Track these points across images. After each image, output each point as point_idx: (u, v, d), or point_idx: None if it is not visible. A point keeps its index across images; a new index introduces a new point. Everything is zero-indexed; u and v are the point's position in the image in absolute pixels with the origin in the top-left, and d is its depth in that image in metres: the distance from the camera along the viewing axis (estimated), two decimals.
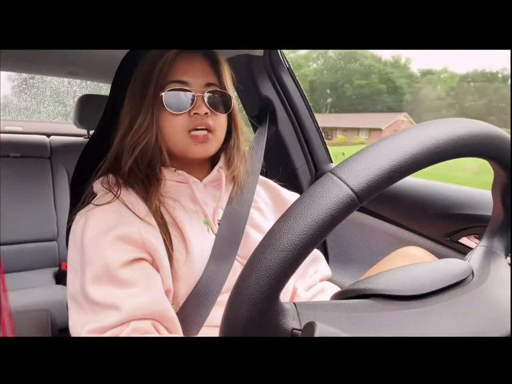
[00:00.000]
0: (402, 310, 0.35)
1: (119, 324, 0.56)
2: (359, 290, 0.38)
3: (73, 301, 0.61)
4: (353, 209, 0.30)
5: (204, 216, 0.72)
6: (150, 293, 0.60)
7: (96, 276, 0.59)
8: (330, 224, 0.29)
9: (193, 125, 0.68)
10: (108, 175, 0.71)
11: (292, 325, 0.31)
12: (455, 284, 0.39)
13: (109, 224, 0.63)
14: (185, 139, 0.68)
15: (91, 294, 0.58)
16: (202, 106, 0.68)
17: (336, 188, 0.30)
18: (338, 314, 0.34)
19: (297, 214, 0.30)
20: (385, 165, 0.31)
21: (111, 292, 0.58)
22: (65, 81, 2.81)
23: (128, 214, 0.64)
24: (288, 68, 1.31)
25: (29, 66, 1.82)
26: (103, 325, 0.56)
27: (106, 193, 0.68)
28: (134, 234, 0.62)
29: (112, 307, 0.57)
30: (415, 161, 0.31)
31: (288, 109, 1.31)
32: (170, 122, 0.68)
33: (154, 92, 0.67)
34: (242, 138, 0.79)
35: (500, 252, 0.46)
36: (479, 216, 0.88)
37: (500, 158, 0.39)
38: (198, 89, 0.69)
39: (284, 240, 0.29)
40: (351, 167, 0.31)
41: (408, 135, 0.33)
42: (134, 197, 0.67)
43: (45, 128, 2.35)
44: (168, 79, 0.68)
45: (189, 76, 0.69)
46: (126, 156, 0.69)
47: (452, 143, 0.33)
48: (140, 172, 0.69)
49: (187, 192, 0.72)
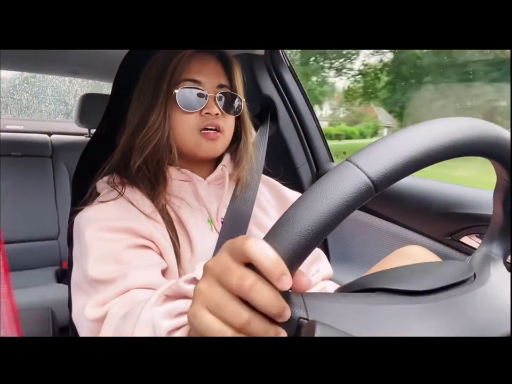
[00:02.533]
0: (408, 304, 0.35)
1: (119, 293, 0.55)
2: (365, 284, 0.39)
3: (77, 288, 0.60)
4: (369, 198, 0.30)
5: (208, 214, 0.72)
6: (154, 270, 0.59)
7: (98, 257, 0.58)
8: (345, 211, 0.29)
9: (204, 124, 0.68)
10: (113, 174, 0.71)
11: (298, 314, 0.31)
12: (458, 283, 0.39)
13: (114, 216, 0.63)
14: (196, 137, 0.69)
15: (93, 273, 0.57)
16: (214, 106, 0.69)
17: (353, 174, 0.30)
18: (345, 306, 0.34)
19: (313, 199, 0.30)
20: (402, 155, 0.31)
21: (113, 269, 0.57)
22: (66, 80, 2.81)
23: (134, 210, 0.65)
24: (290, 66, 1.31)
25: (30, 65, 1.82)
26: (103, 296, 0.55)
27: (111, 191, 0.68)
28: (141, 228, 0.62)
29: (115, 280, 0.56)
30: (431, 154, 0.32)
31: (290, 108, 1.31)
32: (182, 120, 0.68)
33: (167, 89, 0.68)
34: (251, 140, 0.80)
35: (499, 257, 0.46)
36: (480, 216, 0.88)
37: (505, 159, 0.39)
38: (210, 90, 0.69)
39: (298, 225, 0.29)
40: (368, 155, 0.31)
41: (425, 128, 0.33)
42: (139, 195, 0.67)
43: (46, 127, 2.35)
44: (182, 77, 0.69)
45: (202, 75, 0.70)
46: (136, 154, 0.68)
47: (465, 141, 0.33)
48: (148, 170, 0.69)
49: (191, 190, 0.72)
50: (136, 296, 0.54)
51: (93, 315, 0.54)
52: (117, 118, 0.75)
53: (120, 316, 0.51)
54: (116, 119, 0.75)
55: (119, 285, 0.55)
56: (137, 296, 0.54)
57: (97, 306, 0.55)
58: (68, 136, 2.20)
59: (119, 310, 0.52)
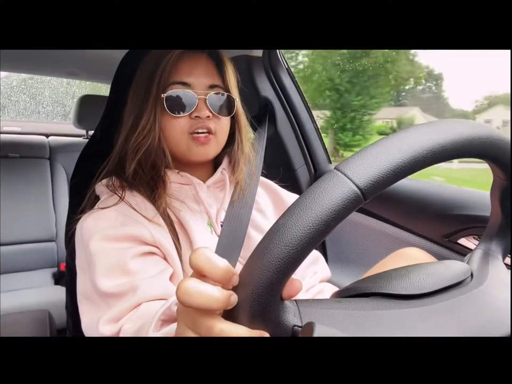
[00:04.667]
0: (403, 308, 0.35)
1: (131, 308, 0.55)
2: (360, 288, 0.38)
3: (86, 300, 0.60)
4: (358, 206, 0.30)
5: (208, 217, 0.72)
6: (163, 278, 0.60)
7: (106, 269, 0.58)
8: (334, 221, 0.29)
9: (195, 127, 0.67)
10: (112, 177, 0.70)
11: (293, 322, 0.31)
12: (454, 284, 0.39)
13: (116, 224, 0.63)
14: (186, 141, 0.68)
15: (103, 287, 0.57)
16: (204, 109, 0.67)
17: (341, 184, 0.30)
18: (339, 312, 0.34)
19: (302, 210, 0.30)
20: (390, 162, 0.31)
21: (123, 281, 0.57)
22: (64, 81, 2.81)
23: (136, 216, 0.64)
24: (287, 68, 1.31)
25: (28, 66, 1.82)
26: (115, 312, 0.55)
27: (110, 196, 0.68)
28: (144, 234, 0.62)
29: (125, 294, 0.56)
30: (419, 159, 0.31)
31: (287, 110, 1.31)
32: (171, 124, 0.67)
33: (156, 93, 0.67)
34: (247, 141, 0.78)
35: (498, 255, 0.46)
36: (478, 217, 0.88)
37: (501, 160, 0.39)
38: (200, 91, 0.68)
39: (288, 235, 0.29)
40: (356, 163, 0.31)
41: (413, 134, 0.33)
42: (140, 198, 0.67)
43: (44, 128, 2.35)
44: (170, 80, 0.67)
45: (192, 77, 0.68)
46: (129, 158, 0.68)
47: (454, 143, 0.33)
48: (145, 174, 0.68)
49: (191, 193, 0.72)
50: (147, 309, 0.54)
51: (108, 331, 0.55)
52: (114, 120, 0.74)
53: (133, 332, 0.52)
54: (113, 120, 0.75)
55: (130, 299, 0.56)
56: (149, 310, 0.54)
57: (111, 323, 0.55)
58: (66, 138, 2.20)
59: (133, 325, 0.53)
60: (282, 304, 0.31)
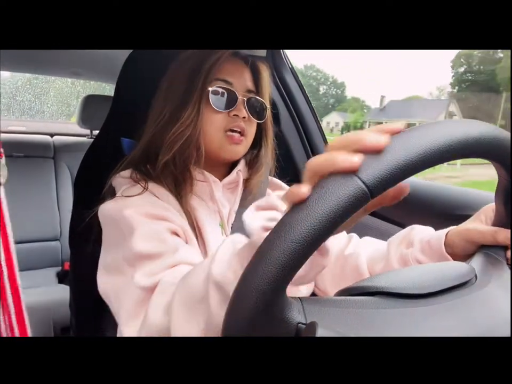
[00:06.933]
0: (407, 308, 0.35)
1: (169, 266, 0.55)
2: (364, 287, 0.38)
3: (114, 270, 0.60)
4: (365, 203, 0.30)
5: (220, 218, 0.72)
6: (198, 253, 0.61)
7: (144, 234, 0.58)
8: (341, 218, 0.29)
9: (230, 125, 0.69)
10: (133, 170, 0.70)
11: (297, 319, 0.31)
12: (459, 285, 0.39)
13: (147, 205, 0.63)
14: (220, 138, 0.69)
15: (140, 247, 0.56)
16: (243, 109, 0.70)
17: (348, 181, 0.30)
18: (344, 310, 0.34)
19: (308, 206, 0.30)
20: (397, 160, 0.31)
21: (160, 244, 0.58)
22: (68, 81, 2.83)
23: (162, 203, 0.65)
24: (291, 68, 1.31)
25: (32, 66, 1.83)
26: (153, 267, 0.55)
27: (133, 186, 0.68)
28: (174, 218, 0.63)
29: (164, 254, 0.56)
30: (426, 158, 0.31)
31: (291, 110, 1.31)
32: (211, 119, 0.69)
33: (202, 86, 0.68)
34: (272, 147, 0.81)
35: (501, 258, 0.46)
36: None
37: (506, 160, 0.39)
38: (240, 93, 0.70)
39: (295, 232, 0.29)
40: (364, 161, 0.31)
41: (420, 132, 0.33)
42: (163, 191, 0.68)
43: (48, 128, 2.36)
44: (215, 76, 0.69)
45: (233, 77, 0.71)
46: (165, 149, 0.68)
47: (461, 142, 0.33)
48: (175, 168, 0.69)
49: (207, 191, 0.72)
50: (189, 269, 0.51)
51: (143, 282, 0.54)
52: (120, 119, 0.75)
53: (175, 282, 0.49)
54: (119, 120, 0.75)
55: (169, 258, 0.56)
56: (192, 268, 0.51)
57: (148, 276, 0.54)
58: (70, 137, 2.21)
59: (173, 279, 0.52)
60: (286, 301, 0.31)
